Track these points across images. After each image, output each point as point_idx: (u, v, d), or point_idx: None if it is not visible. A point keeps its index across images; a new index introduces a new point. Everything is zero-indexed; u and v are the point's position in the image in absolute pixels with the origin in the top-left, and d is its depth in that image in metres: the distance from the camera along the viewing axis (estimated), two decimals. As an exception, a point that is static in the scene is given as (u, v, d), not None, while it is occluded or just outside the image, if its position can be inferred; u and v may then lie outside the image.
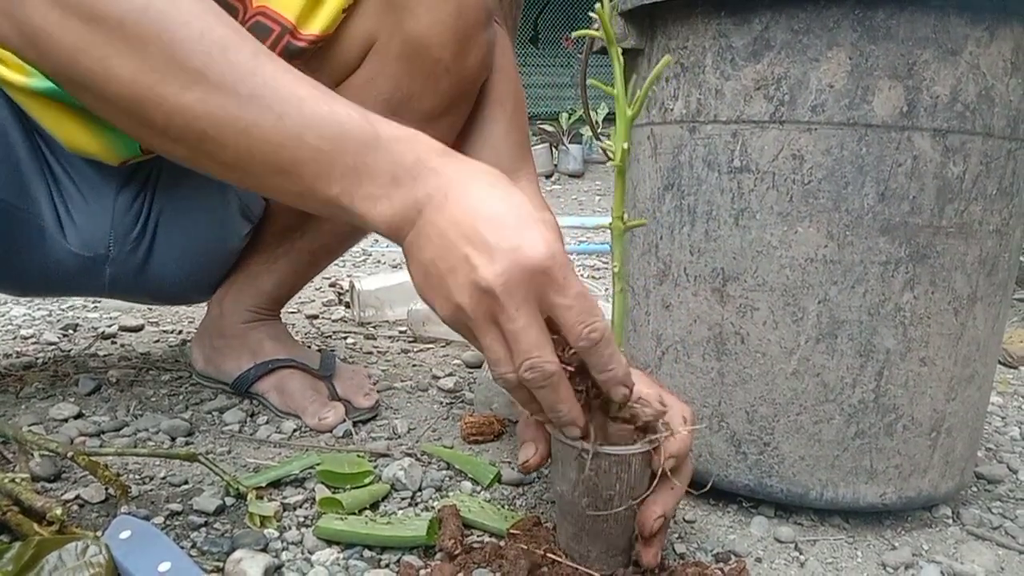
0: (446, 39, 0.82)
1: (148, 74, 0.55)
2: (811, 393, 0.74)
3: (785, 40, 0.69)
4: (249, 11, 0.81)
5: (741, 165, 0.73)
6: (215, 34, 0.56)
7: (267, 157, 0.56)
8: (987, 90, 0.69)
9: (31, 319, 1.48)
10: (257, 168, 0.57)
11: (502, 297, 0.53)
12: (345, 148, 0.56)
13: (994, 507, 0.85)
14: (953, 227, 0.71)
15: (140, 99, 0.56)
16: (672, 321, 0.79)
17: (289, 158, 0.56)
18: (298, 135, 0.55)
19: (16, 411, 0.96)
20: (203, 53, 0.55)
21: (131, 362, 1.20)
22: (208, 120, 0.55)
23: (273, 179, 0.58)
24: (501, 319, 0.54)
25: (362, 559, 0.66)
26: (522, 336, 0.54)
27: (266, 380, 1.01)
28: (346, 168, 0.56)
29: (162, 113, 0.56)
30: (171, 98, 0.55)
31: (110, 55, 0.55)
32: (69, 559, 0.55)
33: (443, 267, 0.55)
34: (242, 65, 0.56)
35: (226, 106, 0.55)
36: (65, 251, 0.94)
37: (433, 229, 0.55)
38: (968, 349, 0.75)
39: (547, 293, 0.54)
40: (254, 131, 0.55)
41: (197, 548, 0.67)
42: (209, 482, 0.79)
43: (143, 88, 0.55)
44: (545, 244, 0.53)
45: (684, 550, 0.72)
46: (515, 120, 0.93)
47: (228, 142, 0.56)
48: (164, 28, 0.55)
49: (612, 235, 0.59)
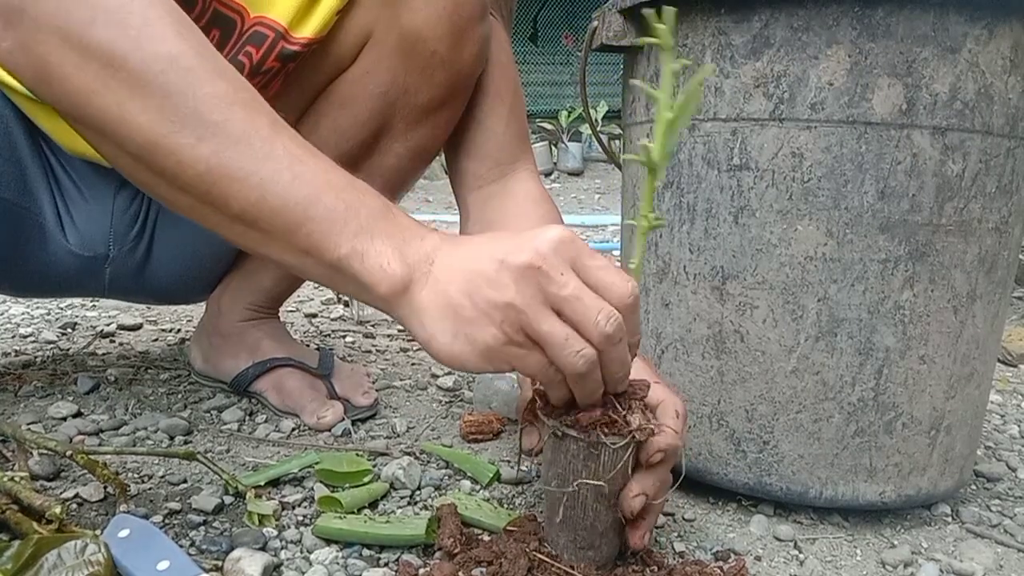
0: (442, 32, 0.83)
1: (164, 123, 0.55)
2: (810, 391, 0.74)
3: (784, 38, 0.69)
4: (248, 21, 0.81)
5: (740, 163, 0.73)
6: (239, 96, 0.57)
7: (277, 213, 0.56)
8: (986, 88, 0.69)
9: (30, 318, 1.48)
10: (264, 223, 0.57)
11: (545, 266, 0.53)
12: (360, 210, 0.57)
13: (993, 505, 0.85)
14: (952, 225, 0.71)
15: (152, 145, 0.56)
16: (671, 319, 0.79)
17: (301, 215, 0.56)
18: (313, 194, 0.56)
19: (15, 409, 0.96)
20: (225, 109, 0.55)
21: (130, 361, 1.20)
22: (220, 172, 0.55)
23: (279, 235, 0.57)
24: (552, 291, 0.54)
25: (361, 558, 0.66)
26: (582, 294, 0.54)
27: (264, 379, 1.01)
28: (360, 228, 0.56)
29: (174, 161, 0.56)
30: (187, 148, 0.55)
31: (125, 100, 0.55)
32: (68, 557, 0.55)
33: (474, 282, 0.55)
34: (262, 128, 0.56)
35: (242, 160, 0.55)
36: (65, 251, 0.93)
37: (451, 269, 0.56)
38: (967, 347, 0.75)
39: (581, 259, 0.55)
40: (268, 186, 0.55)
41: (196, 547, 0.67)
42: (208, 481, 0.79)
43: (157, 136, 0.55)
44: (559, 228, 0.55)
45: (684, 548, 0.72)
46: (514, 112, 0.93)
47: (238, 195, 0.56)
48: (190, 83, 0.55)
49: (636, 232, 0.59)
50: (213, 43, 0.82)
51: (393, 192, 0.98)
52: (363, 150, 0.91)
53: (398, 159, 0.93)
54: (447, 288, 0.56)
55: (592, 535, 0.62)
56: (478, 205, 0.91)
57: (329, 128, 0.90)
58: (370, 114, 0.89)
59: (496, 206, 0.90)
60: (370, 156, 0.92)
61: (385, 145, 0.92)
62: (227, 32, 0.82)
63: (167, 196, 0.60)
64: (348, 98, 0.89)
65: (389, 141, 0.91)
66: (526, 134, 0.95)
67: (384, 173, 0.93)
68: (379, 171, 0.93)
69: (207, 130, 0.55)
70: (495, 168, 0.91)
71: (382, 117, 0.89)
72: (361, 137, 0.90)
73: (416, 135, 0.91)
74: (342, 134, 0.90)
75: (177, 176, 0.56)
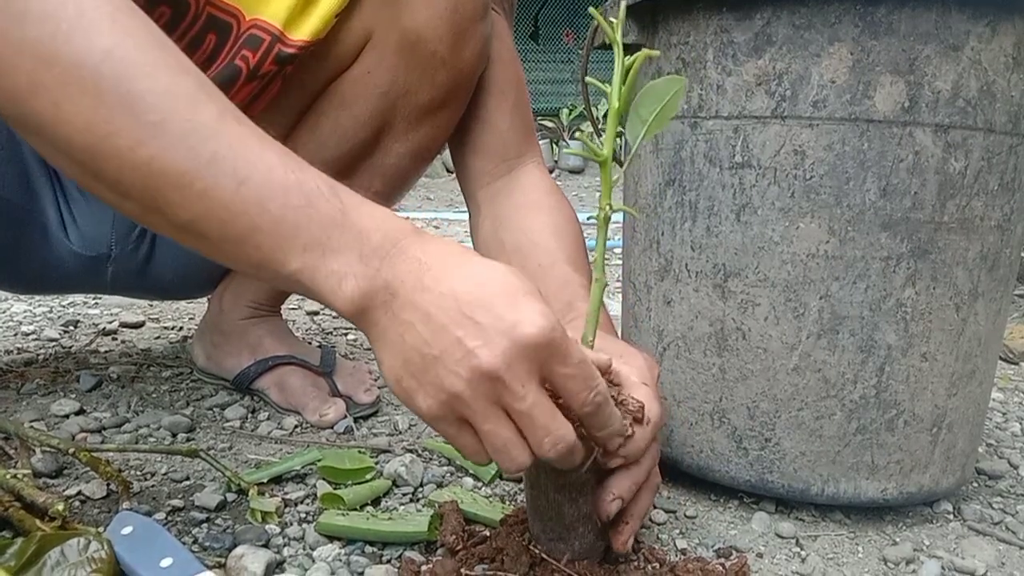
0: (442, 32, 0.83)
1: (100, 125, 0.50)
2: (812, 389, 0.74)
3: (786, 35, 0.69)
4: (244, 24, 0.81)
5: (742, 161, 0.73)
6: (180, 88, 0.51)
7: (224, 223, 0.51)
8: (989, 85, 0.69)
9: (32, 315, 1.48)
10: (213, 234, 0.52)
11: (506, 378, 0.50)
12: (310, 221, 0.52)
13: (995, 502, 0.85)
14: (954, 223, 0.71)
15: (92, 149, 0.51)
16: (673, 317, 0.79)
17: (248, 226, 0.51)
18: (260, 202, 0.51)
19: (17, 407, 0.96)
20: (164, 107, 0.50)
21: (132, 358, 1.20)
22: (163, 179, 0.51)
23: (228, 247, 0.53)
24: (506, 400, 0.51)
25: (363, 555, 0.66)
26: (536, 413, 0.51)
27: (266, 377, 1.01)
28: (310, 242, 0.52)
29: (114, 167, 0.51)
30: (125, 151, 0.50)
31: (61, 100, 0.50)
32: (71, 555, 0.55)
33: (430, 352, 0.51)
34: (206, 124, 0.51)
35: (184, 166, 0.50)
36: (67, 250, 0.94)
37: (414, 314, 0.51)
38: (969, 345, 0.75)
39: (550, 365, 0.51)
40: (213, 194, 0.51)
41: (199, 544, 0.67)
42: (210, 478, 0.79)
43: (96, 138, 0.51)
44: (542, 316, 0.50)
45: (685, 545, 0.72)
46: (518, 107, 0.93)
47: (183, 204, 0.51)
48: (124, 76, 0.50)
49: (597, 223, 0.59)
50: (209, 49, 0.81)
51: (394, 191, 0.98)
52: (364, 150, 0.91)
53: (399, 159, 0.93)
54: (404, 333, 0.52)
55: (559, 527, 0.62)
56: (487, 201, 0.91)
57: (329, 128, 0.90)
58: (371, 114, 0.89)
59: (505, 201, 0.90)
60: (371, 156, 0.92)
61: (386, 145, 0.92)
62: (223, 36, 0.82)
63: (114, 203, 0.55)
64: (349, 98, 0.89)
65: (390, 141, 0.91)
66: (531, 128, 0.95)
67: (385, 173, 0.93)
68: (380, 171, 0.93)
69: (145, 132, 0.50)
70: (502, 164, 0.91)
71: (383, 117, 0.89)
72: (362, 137, 0.90)
73: (417, 135, 0.91)
74: (343, 134, 0.90)
75: (119, 182, 0.52)
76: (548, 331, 0.50)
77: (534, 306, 0.51)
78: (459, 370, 0.50)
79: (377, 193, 0.95)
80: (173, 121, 0.50)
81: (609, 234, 0.59)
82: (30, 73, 0.50)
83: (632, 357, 0.65)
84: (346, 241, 0.52)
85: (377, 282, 0.52)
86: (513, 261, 0.83)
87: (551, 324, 0.50)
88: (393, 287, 0.52)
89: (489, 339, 0.50)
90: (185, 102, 0.51)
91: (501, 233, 0.88)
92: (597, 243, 0.59)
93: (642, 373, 0.63)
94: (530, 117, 0.95)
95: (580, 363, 0.52)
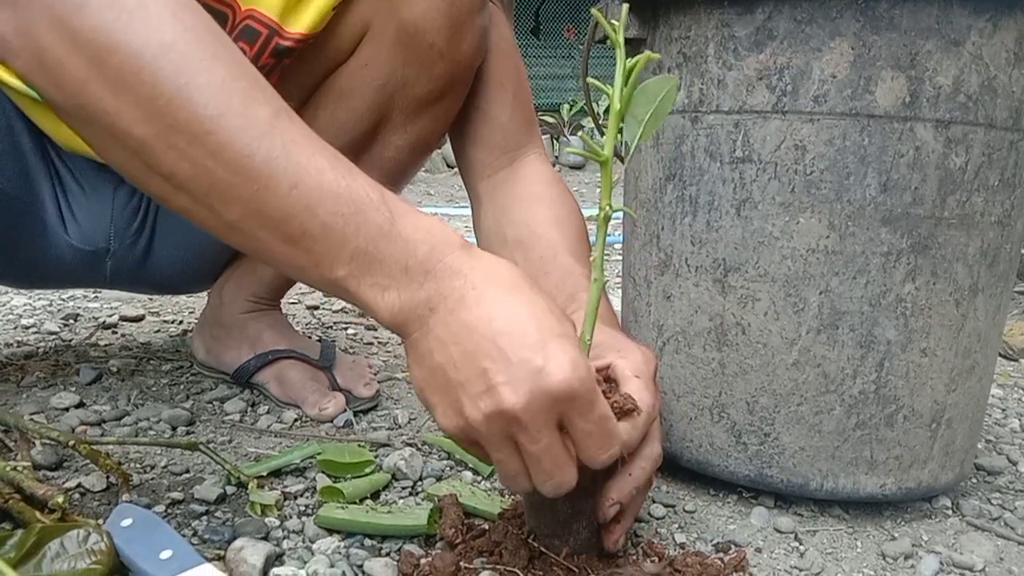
0: (440, 24, 0.83)
1: (157, 120, 0.51)
2: (812, 384, 0.74)
3: (788, 30, 0.69)
4: (239, 15, 0.81)
5: (743, 155, 0.73)
6: (238, 84, 0.52)
7: (275, 224, 0.52)
8: (990, 81, 0.69)
9: (32, 308, 1.48)
10: (262, 233, 0.53)
11: (524, 419, 0.50)
12: (358, 230, 0.52)
13: (994, 498, 0.85)
14: (955, 218, 0.71)
15: (148, 141, 0.52)
16: (673, 311, 0.79)
17: (298, 230, 0.52)
18: (311, 207, 0.51)
19: (17, 400, 0.96)
20: (222, 103, 0.51)
21: (132, 352, 1.20)
22: (217, 175, 0.51)
23: (277, 247, 0.54)
24: (521, 439, 0.52)
25: (363, 548, 0.66)
26: (545, 457, 0.52)
27: (266, 371, 1.01)
28: (356, 251, 0.52)
29: (169, 160, 0.52)
30: (182, 145, 0.51)
31: (120, 90, 0.51)
32: (71, 547, 0.56)
33: (455, 377, 0.52)
34: (262, 123, 0.52)
35: (238, 164, 0.51)
36: (66, 245, 0.94)
37: (446, 333, 0.52)
38: (969, 340, 0.75)
39: (570, 415, 0.52)
40: (265, 196, 0.51)
41: (198, 536, 0.67)
42: (210, 471, 0.79)
43: (153, 130, 0.51)
44: (571, 365, 0.50)
45: (684, 540, 0.72)
46: (518, 98, 0.93)
47: (235, 202, 0.52)
48: (184, 70, 0.51)
49: (597, 222, 0.59)
50: None
51: (393, 184, 0.97)
52: (362, 143, 0.91)
53: (397, 151, 0.93)
54: (434, 350, 0.53)
55: (554, 523, 0.62)
56: (488, 194, 0.91)
57: (327, 121, 0.90)
58: (368, 107, 0.89)
59: (506, 193, 0.90)
60: (369, 149, 0.92)
61: (384, 138, 0.92)
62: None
63: (163, 195, 0.56)
64: (346, 91, 0.89)
65: (388, 134, 0.91)
66: (532, 119, 0.95)
67: (383, 165, 0.93)
68: (378, 163, 0.93)
69: (201, 127, 0.51)
70: (503, 156, 0.91)
71: (381, 110, 0.89)
72: (360, 130, 0.90)
73: (415, 127, 0.91)
74: (340, 127, 0.90)
75: (174, 175, 0.53)
76: (575, 382, 0.50)
77: (566, 353, 0.51)
78: (479, 403, 0.51)
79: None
80: (228, 116, 0.51)
81: (609, 229, 0.59)
82: (89, 61, 0.51)
83: (630, 351, 0.65)
84: (392, 252, 0.52)
85: (419, 297, 0.53)
86: (515, 254, 0.83)
87: (579, 375, 0.50)
88: (433, 303, 0.52)
89: (514, 378, 0.50)
90: (240, 99, 0.52)
91: (503, 226, 0.88)
92: (596, 242, 0.59)
93: (636, 366, 0.63)
94: (531, 108, 0.95)
95: (601, 419, 0.52)
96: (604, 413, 0.53)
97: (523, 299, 0.53)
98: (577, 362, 0.51)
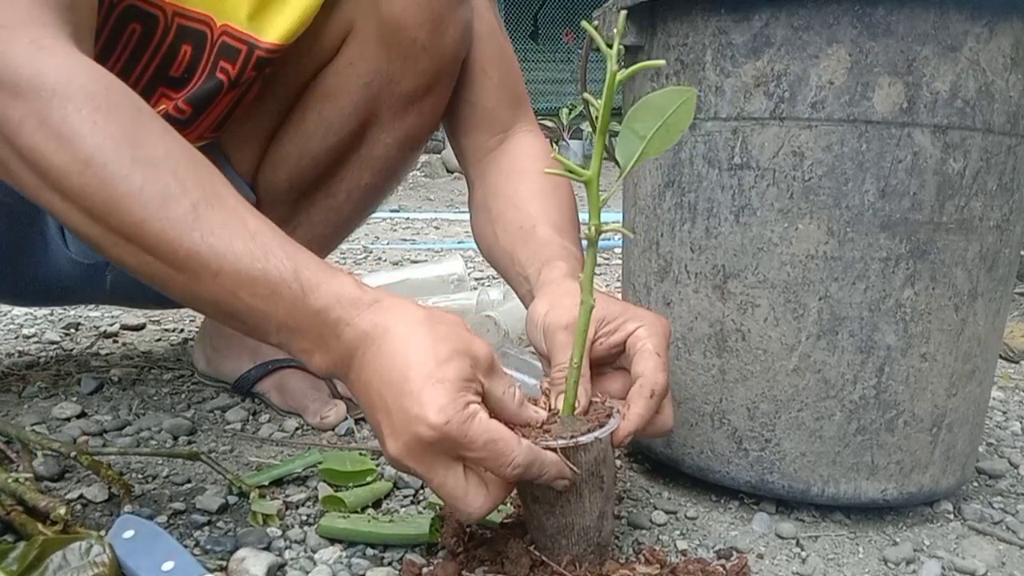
0: (422, 19, 0.83)
1: (98, 222, 0.57)
2: (812, 389, 0.74)
3: (785, 37, 0.69)
4: (216, 31, 0.81)
5: (741, 162, 0.73)
6: (155, 187, 0.57)
7: (210, 305, 0.60)
8: (987, 86, 0.69)
9: (33, 318, 1.49)
10: (206, 310, 0.63)
11: (412, 466, 0.55)
12: (276, 307, 0.57)
13: (995, 502, 0.85)
14: (953, 223, 0.71)
15: (96, 240, 0.59)
16: (673, 318, 0.79)
17: (229, 310, 0.59)
18: (234, 291, 0.57)
19: (19, 411, 0.96)
20: (141, 207, 0.56)
21: (133, 361, 1.20)
22: (154, 267, 0.58)
23: (221, 320, 0.61)
24: (425, 480, 0.57)
25: (365, 557, 0.67)
26: (441, 492, 0.56)
27: (267, 380, 1.01)
28: (280, 324, 0.58)
29: (116, 254, 0.59)
30: (121, 244, 0.58)
31: (58, 202, 0.57)
32: (73, 559, 0.56)
33: (372, 423, 0.59)
34: (181, 220, 0.56)
35: (169, 259, 0.57)
36: (67, 258, 0.94)
37: (358, 387, 0.59)
38: (969, 344, 0.75)
39: (456, 451, 0.55)
40: (194, 285, 0.58)
41: (200, 547, 0.67)
42: (212, 481, 0.79)
43: (97, 232, 0.58)
44: (438, 411, 0.53)
45: (686, 546, 0.72)
46: (503, 83, 0.92)
47: (174, 288, 0.59)
48: (105, 182, 0.56)
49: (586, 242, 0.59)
50: (186, 60, 0.81)
51: (385, 183, 0.98)
52: (351, 142, 0.91)
53: (387, 149, 0.93)
54: (358, 395, 0.59)
55: (542, 536, 0.63)
56: (479, 175, 0.91)
57: (315, 121, 0.90)
58: (355, 105, 0.89)
59: (494, 169, 0.90)
60: (358, 148, 0.92)
61: (373, 136, 0.92)
62: (199, 46, 0.81)
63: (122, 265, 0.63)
64: (332, 90, 0.89)
65: (376, 132, 0.91)
66: (520, 98, 0.94)
67: (374, 164, 0.93)
68: (368, 163, 0.93)
69: (130, 231, 0.56)
70: (492, 138, 0.91)
71: (368, 108, 0.89)
72: (348, 129, 0.90)
73: (403, 124, 0.91)
74: (328, 127, 0.90)
75: (124, 264, 0.60)
76: (440, 427, 0.53)
77: (435, 401, 0.54)
78: (385, 447, 0.57)
79: (367, 186, 0.95)
80: (150, 221, 0.56)
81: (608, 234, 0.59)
82: (36, 176, 0.57)
83: (648, 320, 0.67)
84: (308, 323, 0.58)
85: (337, 355, 0.59)
86: (497, 227, 0.84)
87: (445, 419, 0.53)
88: (346, 361, 0.59)
89: (394, 430, 0.55)
90: (159, 201, 0.56)
91: (489, 201, 0.88)
92: (586, 263, 0.59)
93: (658, 342, 0.66)
94: (519, 87, 0.95)
95: (486, 445, 0.55)
96: (487, 439, 0.55)
97: (415, 346, 0.56)
98: (443, 407, 0.53)
